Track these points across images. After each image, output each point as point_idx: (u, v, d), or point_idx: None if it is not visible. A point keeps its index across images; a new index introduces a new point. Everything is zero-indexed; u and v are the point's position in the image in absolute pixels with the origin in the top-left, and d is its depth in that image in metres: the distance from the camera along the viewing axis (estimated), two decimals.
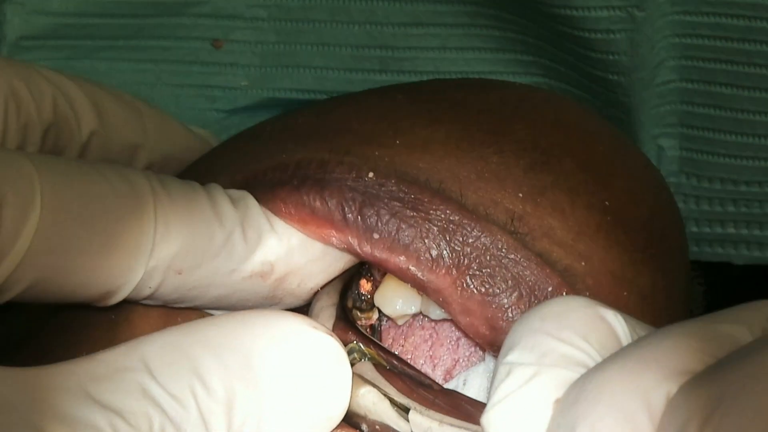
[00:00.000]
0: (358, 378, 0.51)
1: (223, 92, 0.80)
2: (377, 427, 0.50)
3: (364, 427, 0.51)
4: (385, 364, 0.53)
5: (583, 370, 0.40)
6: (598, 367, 0.39)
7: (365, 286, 0.58)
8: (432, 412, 0.50)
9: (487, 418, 0.41)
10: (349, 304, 0.57)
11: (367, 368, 0.52)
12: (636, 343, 0.40)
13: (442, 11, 0.76)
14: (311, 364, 0.48)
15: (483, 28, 0.76)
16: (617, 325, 0.42)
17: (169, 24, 0.79)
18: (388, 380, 0.52)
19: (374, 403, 0.51)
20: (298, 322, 0.49)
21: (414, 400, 0.51)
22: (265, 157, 0.57)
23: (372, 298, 0.57)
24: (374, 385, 0.51)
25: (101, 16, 0.78)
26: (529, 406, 0.41)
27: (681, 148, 0.76)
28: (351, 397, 0.50)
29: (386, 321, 0.60)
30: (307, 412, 0.47)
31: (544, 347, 0.42)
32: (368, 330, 0.57)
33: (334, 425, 0.49)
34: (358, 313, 0.57)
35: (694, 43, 0.72)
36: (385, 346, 0.57)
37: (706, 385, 0.36)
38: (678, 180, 0.75)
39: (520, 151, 0.56)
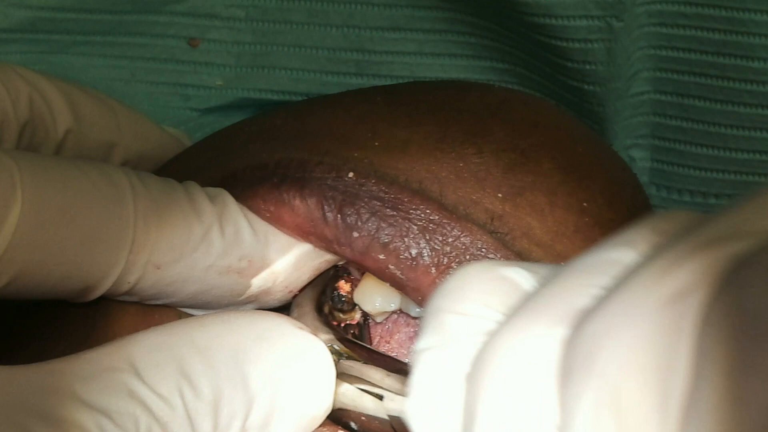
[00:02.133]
0: (338, 377, 0.51)
1: (198, 91, 0.80)
2: (363, 418, 0.50)
3: (352, 424, 0.51)
4: (360, 359, 0.53)
5: (488, 338, 0.40)
6: (495, 333, 0.39)
7: (344, 287, 0.58)
8: (403, 397, 0.50)
9: (407, 410, 0.41)
10: (327, 308, 0.57)
11: (345, 366, 0.52)
12: (530, 296, 0.39)
13: (419, 16, 0.76)
14: (296, 364, 0.48)
15: (460, 35, 0.77)
16: (521, 280, 0.41)
17: (146, 21, 0.79)
18: (363, 373, 0.52)
19: (353, 399, 0.51)
20: (283, 322, 0.49)
21: (386, 388, 0.51)
22: (244, 157, 0.57)
23: (352, 297, 0.57)
24: (352, 382, 0.51)
25: (79, 11, 0.78)
26: (441, 390, 0.40)
27: (652, 159, 0.76)
28: (334, 395, 0.50)
29: (372, 319, 0.60)
30: (291, 411, 0.47)
31: (447, 326, 0.41)
32: (356, 330, 0.57)
33: (317, 424, 0.49)
34: (341, 315, 0.57)
35: (669, 55, 0.73)
36: (373, 343, 0.57)
37: (587, 323, 0.35)
38: (648, 191, 0.76)
39: (499, 151, 0.56)
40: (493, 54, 0.77)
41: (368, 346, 0.55)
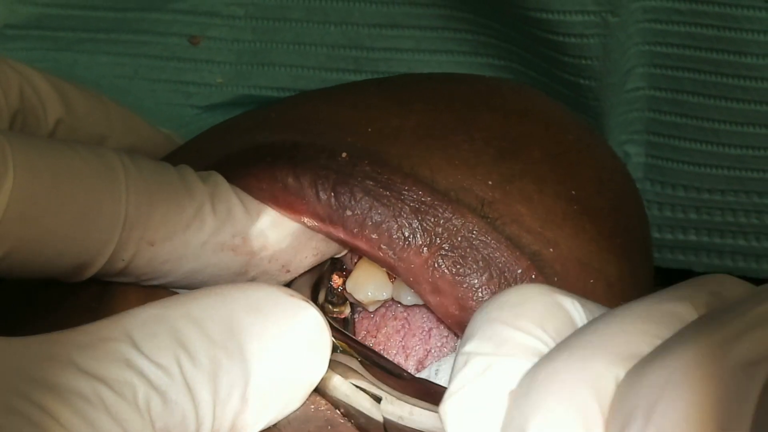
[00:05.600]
0: (332, 369, 0.51)
1: (199, 88, 0.81)
2: (352, 411, 0.51)
3: (338, 411, 0.51)
4: (357, 356, 0.53)
5: (538, 359, 0.40)
6: (549, 356, 0.39)
7: (337, 280, 0.58)
8: (402, 402, 0.51)
9: (444, 408, 0.41)
10: (321, 298, 0.57)
11: (340, 359, 0.52)
12: (585, 328, 0.40)
13: (417, 13, 0.77)
14: (291, 331, 0.48)
15: (457, 32, 0.77)
16: (574, 311, 0.42)
17: (148, 19, 0.79)
18: (360, 371, 0.52)
19: (347, 395, 0.51)
20: (274, 291, 0.49)
21: (385, 390, 0.51)
22: (239, 144, 0.58)
23: (344, 291, 0.58)
24: (347, 376, 0.51)
25: (84, 8, 0.78)
26: (485, 397, 0.40)
27: (646, 154, 0.77)
28: (326, 385, 0.50)
29: (359, 314, 0.60)
30: (289, 377, 0.48)
31: (500, 336, 0.41)
32: (340, 323, 0.58)
33: (312, 389, 0.49)
34: (331, 307, 0.57)
35: (664, 51, 0.73)
36: (358, 337, 0.57)
37: (650, 370, 0.36)
38: (642, 186, 0.77)
39: (489, 139, 0.57)
40: (489, 50, 0.77)
41: (364, 344, 0.55)
